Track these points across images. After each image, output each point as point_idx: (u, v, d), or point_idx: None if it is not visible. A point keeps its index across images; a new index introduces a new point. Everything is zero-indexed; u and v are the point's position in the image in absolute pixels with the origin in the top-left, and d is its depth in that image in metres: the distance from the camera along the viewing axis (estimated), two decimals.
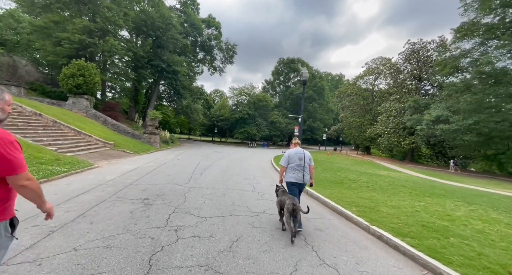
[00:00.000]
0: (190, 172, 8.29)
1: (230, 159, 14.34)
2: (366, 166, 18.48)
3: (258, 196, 5.73)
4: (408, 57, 29.76)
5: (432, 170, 21.60)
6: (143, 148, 15.43)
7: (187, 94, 34.32)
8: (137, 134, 18.65)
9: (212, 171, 8.92)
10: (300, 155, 3.95)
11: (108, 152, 11.98)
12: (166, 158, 12.33)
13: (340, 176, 9.75)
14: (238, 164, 12.09)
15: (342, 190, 6.71)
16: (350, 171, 12.38)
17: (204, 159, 13.03)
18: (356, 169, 14.62)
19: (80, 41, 18.50)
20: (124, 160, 10.42)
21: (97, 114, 17.58)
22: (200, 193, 5.51)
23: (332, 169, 12.75)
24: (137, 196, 4.94)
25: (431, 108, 21.97)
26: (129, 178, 6.69)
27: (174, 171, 8.35)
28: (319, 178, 8.91)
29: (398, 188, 7.58)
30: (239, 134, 41.26)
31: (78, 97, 16.84)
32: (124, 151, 13.19)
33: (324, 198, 5.62)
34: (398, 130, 29.07)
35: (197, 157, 13.84)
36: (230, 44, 35.79)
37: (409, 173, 16.07)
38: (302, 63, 54.07)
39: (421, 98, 25.90)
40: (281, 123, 43.33)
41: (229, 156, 16.71)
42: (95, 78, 16.94)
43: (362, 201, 5.52)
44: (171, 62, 26.43)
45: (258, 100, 42.03)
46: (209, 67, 39.83)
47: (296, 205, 3.36)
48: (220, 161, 12.67)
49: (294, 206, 3.34)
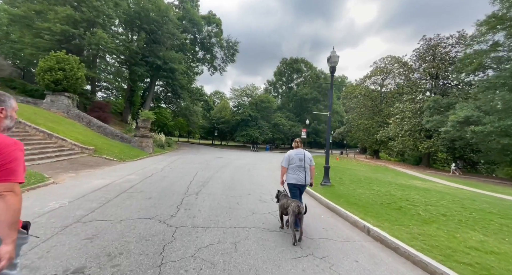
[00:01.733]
0: (182, 192, 5.94)
1: (234, 167, 11.98)
2: (389, 174, 16.12)
3: (300, 251, 3.15)
4: (423, 54, 27.58)
5: (459, 178, 19.24)
6: (131, 153, 13.10)
7: (186, 95, 32.11)
8: (126, 137, 16.33)
9: (212, 189, 6.57)
10: (300, 156, 3.89)
11: (83, 160, 9.64)
12: (156, 167, 9.98)
13: (380, 192, 7.41)
14: (246, 175, 9.73)
15: (421, 226, 4.31)
16: (383, 182, 10.02)
17: (202, 168, 10.68)
18: (385, 178, 12.27)
19: (63, 32, 16.31)
20: (100, 171, 8.07)
21: (81, 115, 15.27)
22: (193, 244, 3.11)
23: (360, 180, 10.40)
24: (61, 265, 2.44)
25: (456, 108, 19.69)
26: (83, 206, 4.30)
27: (159, 189, 6.00)
28: (355, 195, 6.59)
29: (486, 217, 5.17)
30: (241, 137, 38.94)
31: (58, 95, 14.56)
32: (106, 157, 10.85)
33: (416, 253, 3.21)
34: (414, 133, 26.76)
35: (194, 165, 11.48)
36: (231, 42, 33.70)
37: (449, 184, 13.70)
38: (305, 64, 52.05)
39: (440, 97, 23.64)
40: (285, 125, 41.04)
41: (232, 162, 14.36)
42: (77, 72, 14.67)
43: (486, 259, 3.14)
44: (168, 59, 24.26)
45: (261, 101, 39.81)
46: (209, 67, 37.71)
47: (301, 207, 3.33)
48: (222, 171, 10.31)
49: (299, 208, 3.30)
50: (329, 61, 7.47)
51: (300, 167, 3.82)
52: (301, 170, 3.82)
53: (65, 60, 14.16)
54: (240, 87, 42.90)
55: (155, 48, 23.92)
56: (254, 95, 41.38)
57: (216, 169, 10.57)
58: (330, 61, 7.38)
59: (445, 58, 25.64)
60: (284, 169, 3.96)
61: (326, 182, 7.61)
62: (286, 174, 3.95)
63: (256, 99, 40.38)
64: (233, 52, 34.05)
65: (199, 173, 9.04)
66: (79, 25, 17.01)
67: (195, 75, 39.65)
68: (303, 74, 52.29)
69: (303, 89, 48.72)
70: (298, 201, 3.49)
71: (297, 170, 3.82)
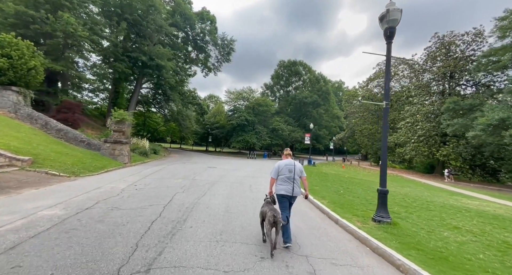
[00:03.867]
0: (118, 261, 2.83)
1: (230, 184, 8.89)
2: (418, 188, 13.25)
3: None
4: (434, 53, 25.41)
5: (483, 189, 16.55)
6: (94, 164, 9.89)
7: (176, 97, 29.02)
8: (95, 143, 13.13)
9: (189, 242, 3.49)
10: (290, 167, 3.79)
11: (4, 177, 6.43)
12: (115, 187, 6.82)
13: (472, 233, 4.48)
14: (249, 199, 6.65)
15: None
16: (443, 208, 7.11)
17: (185, 187, 7.56)
18: (426, 196, 9.38)
19: (18, 14, 13.21)
20: (16, 198, 4.91)
21: (34, 115, 12.03)
22: None
23: (411, 204, 7.46)
24: None
25: (484, 109, 17.22)
26: None
27: (69, 256, 2.88)
28: (451, 250, 3.63)
29: None
30: (237, 143, 35.84)
31: (1, 89, 11.31)
32: (48, 172, 7.64)
33: None
34: (428, 138, 24.22)
35: (174, 182, 8.34)
36: (226, 40, 30.99)
37: (493, 200, 10.89)
38: (304, 66, 49.80)
39: (460, 98, 21.24)
40: (284, 130, 38.19)
41: (227, 175, 11.27)
42: (29, 62, 11.50)
43: None
44: (154, 54, 21.30)
45: (258, 105, 36.99)
46: (202, 68, 34.84)
47: (277, 217, 3.24)
48: (212, 192, 7.22)
49: (275, 218, 3.23)
50: (383, 19, 4.62)
51: (290, 179, 3.72)
52: (290, 181, 3.71)
53: (12, 44, 11.01)
54: (236, 90, 40.03)
55: (140, 42, 20.98)
56: (251, 99, 38.54)
57: (204, 189, 7.46)
58: (387, 18, 4.51)
59: (462, 57, 23.47)
60: (273, 180, 3.88)
61: (383, 217, 4.60)
62: (275, 185, 3.84)
63: (253, 103, 37.55)
64: (229, 51, 31.32)
65: (176, 199, 5.92)
66: (41, 7, 13.96)
67: (188, 77, 36.76)
68: (302, 77, 49.96)
69: (302, 92, 46.26)
70: (276, 210, 3.41)
71: (286, 181, 3.73)
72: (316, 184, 10.08)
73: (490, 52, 18.27)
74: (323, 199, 6.87)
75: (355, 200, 6.99)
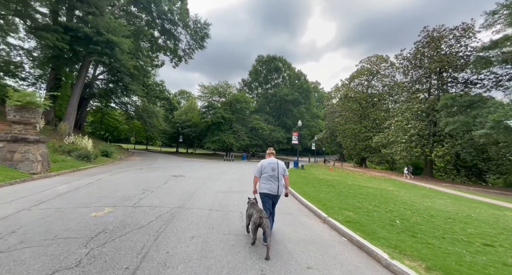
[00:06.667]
0: None
1: (205, 215, 4.93)
2: (430, 196, 10.56)
3: None
4: (423, 48, 24.11)
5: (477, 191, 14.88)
6: None
7: (137, 87, 23.68)
8: None
9: None
10: (273, 165, 3.76)
11: None
12: None
13: None
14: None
15: None
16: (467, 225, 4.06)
17: (92, 242, 3.43)
18: (442, 208, 6.45)
19: None
20: None
21: None
22: None
23: (440, 227, 4.26)
24: None
25: (491, 105, 15.61)
26: None
27: None
28: None
29: None
30: (212, 144, 31.40)
31: None
32: None
33: None
34: (421, 138, 22.66)
35: (87, 218, 4.11)
36: (199, 22, 26.48)
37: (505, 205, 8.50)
38: (283, 63, 47.06)
39: (457, 95, 19.83)
40: (265, 129, 34.74)
41: (199, 191, 7.23)
42: None
43: None
44: (103, 27, 16.19)
45: (236, 101, 33.01)
46: (172, 57, 29.80)
47: (262, 218, 3.21)
48: (160, 252, 3.19)
49: (260, 219, 3.21)
50: None
51: (273, 177, 3.70)
52: (274, 180, 3.70)
53: None
54: (211, 84, 35.48)
55: (81, 8, 15.74)
56: (227, 94, 34.36)
57: (144, 241, 3.42)
58: None
59: (452, 52, 22.34)
60: (256, 178, 3.87)
61: None
62: (258, 183, 3.82)
63: (230, 99, 33.45)
64: (203, 36, 26.78)
65: None
66: None
67: (154, 67, 31.37)
68: (282, 74, 47.19)
69: (283, 89, 43.42)
70: (262, 211, 3.39)
71: (269, 180, 3.70)
72: (347, 207, 6.49)
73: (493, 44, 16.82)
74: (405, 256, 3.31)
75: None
